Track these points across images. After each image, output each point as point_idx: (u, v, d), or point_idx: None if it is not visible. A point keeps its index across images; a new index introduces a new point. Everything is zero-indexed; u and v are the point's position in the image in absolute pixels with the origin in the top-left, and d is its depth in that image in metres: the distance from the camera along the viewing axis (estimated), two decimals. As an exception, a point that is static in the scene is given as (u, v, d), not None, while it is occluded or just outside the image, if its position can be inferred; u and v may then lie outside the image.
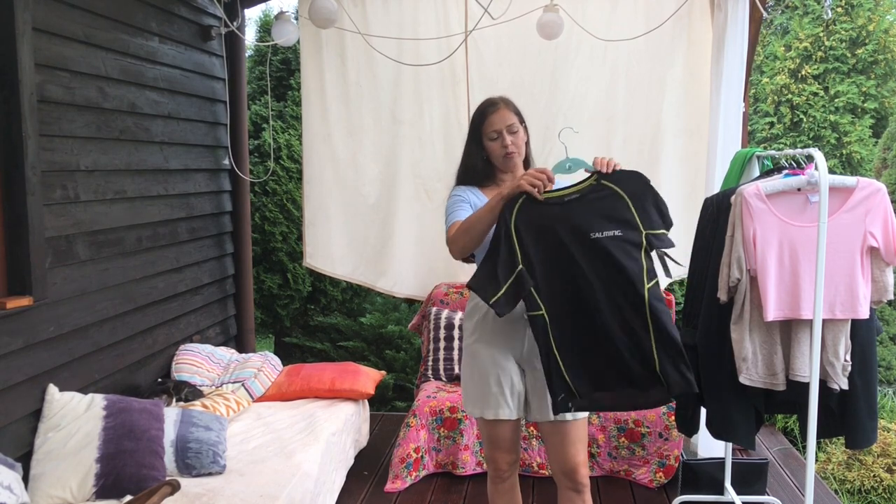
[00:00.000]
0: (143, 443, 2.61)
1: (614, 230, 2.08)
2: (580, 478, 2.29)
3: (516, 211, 2.11)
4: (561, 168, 2.20)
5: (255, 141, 5.87)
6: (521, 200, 2.12)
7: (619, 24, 3.93)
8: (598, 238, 2.08)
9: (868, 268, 2.51)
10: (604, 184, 2.12)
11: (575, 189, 2.12)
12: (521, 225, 2.11)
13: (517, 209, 2.12)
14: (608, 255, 2.07)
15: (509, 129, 2.28)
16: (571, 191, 2.12)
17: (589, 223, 2.09)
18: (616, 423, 3.47)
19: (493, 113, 2.29)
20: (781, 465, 3.78)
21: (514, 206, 2.12)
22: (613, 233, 2.08)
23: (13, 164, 2.49)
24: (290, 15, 3.93)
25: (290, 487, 2.63)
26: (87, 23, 2.89)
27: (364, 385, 3.64)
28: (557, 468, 2.32)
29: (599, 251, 2.07)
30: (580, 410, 2.16)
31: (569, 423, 2.26)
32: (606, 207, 2.10)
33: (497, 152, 2.30)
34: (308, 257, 4.33)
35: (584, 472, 2.29)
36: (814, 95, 6.42)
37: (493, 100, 2.33)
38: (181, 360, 3.48)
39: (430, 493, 3.42)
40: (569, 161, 2.21)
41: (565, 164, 2.21)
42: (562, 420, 2.26)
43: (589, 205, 2.11)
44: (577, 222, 2.09)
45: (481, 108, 2.33)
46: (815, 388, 2.48)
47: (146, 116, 3.32)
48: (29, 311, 2.56)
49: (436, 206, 4.22)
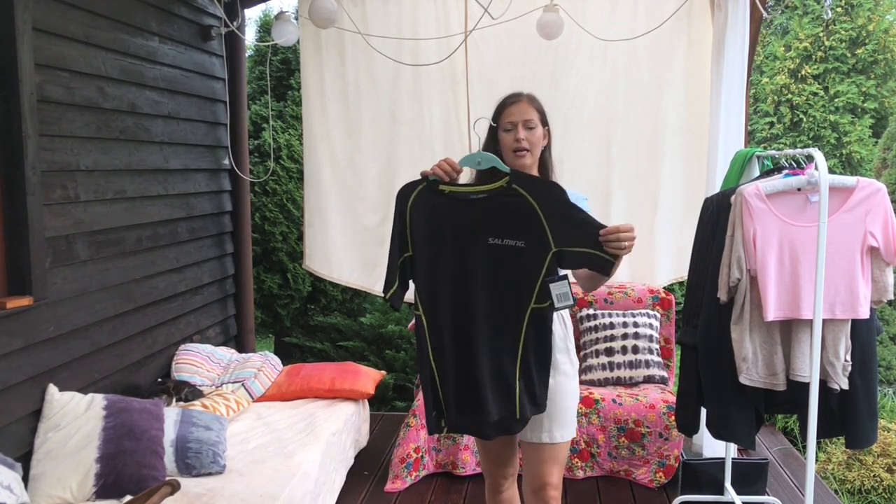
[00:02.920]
0: (143, 443, 2.61)
1: (516, 241, 1.91)
2: (547, 498, 2.16)
3: (413, 197, 1.95)
4: (471, 161, 2.00)
5: (255, 141, 5.87)
6: (420, 187, 1.95)
7: (619, 24, 3.93)
8: (495, 245, 1.92)
9: (868, 268, 2.51)
10: (515, 188, 1.92)
11: (484, 188, 1.94)
12: (415, 213, 1.95)
13: (415, 195, 1.95)
14: (501, 265, 1.91)
15: (525, 124, 2.15)
16: (479, 189, 1.94)
17: (490, 227, 1.92)
18: (616, 423, 3.47)
19: (513, 104, 2.18)
20: (781, 465, 3.78)
21: (413, 191, 1.95)
22: (515, 242, 1.91)
23: (13, 164, 2.49)
24: (290, 15, 3.93)
25: (290, 487, 2.63)
26: (87, 23, 2.89)
27: (364, 385, 3.64)
28: (528, 486, 2.21)
29: (493, 259, 1.92)
30: (452, 432, 2.04)
31: (546, 445, 2.15)
32: (515, 215, 1.92)
33: (508, 145, 2.17)
34: (307, 259, 4.33)
35: (552, 495, 2.16)
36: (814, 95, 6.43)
37: (518, 93, 2.22)
38: (181, 360, 3.48)
39: (430, 493, 3.42)
40: (479, 156, 1.99)
41: (475, 158, 1.99)
42: (538, 442, 2.15)
43: (495, 208, 1.92)
44: (477, 223, 1.93)
45: (503, 99, 2.22)
46: (816, 388, 2.48)
47: (146, 116, 3.32)
48: (29, 311, 2.56)
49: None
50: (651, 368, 3.76)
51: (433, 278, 1.96)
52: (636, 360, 3.77)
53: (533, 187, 1.92)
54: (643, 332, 3.81)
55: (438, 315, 1.96)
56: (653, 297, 4.00)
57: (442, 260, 1.95)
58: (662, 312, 3.97)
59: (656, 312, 3.94)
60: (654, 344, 3.82)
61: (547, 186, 1.95)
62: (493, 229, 1.92)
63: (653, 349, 3.80)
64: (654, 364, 3.78)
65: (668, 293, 4.05)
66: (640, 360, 3.77)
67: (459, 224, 1.93)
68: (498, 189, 1.93)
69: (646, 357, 3.77)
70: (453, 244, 1.93)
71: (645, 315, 3.88)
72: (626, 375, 3.75)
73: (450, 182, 1.96)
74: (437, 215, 1.94)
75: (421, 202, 1.95)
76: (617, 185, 4.11)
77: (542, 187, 1.94)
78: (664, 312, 3.98)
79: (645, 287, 4.06)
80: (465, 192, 1.94)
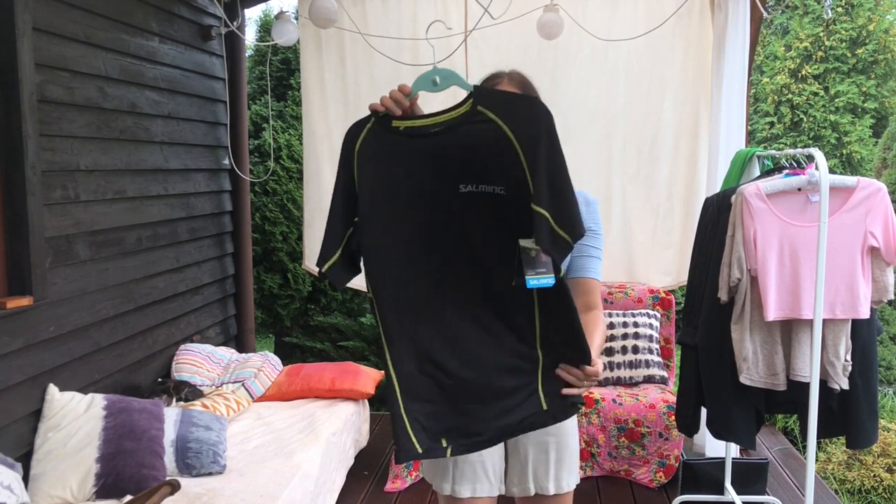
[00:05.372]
0: (143, 443, 2.61)
1: (495, 186, 1.44)
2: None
3: (361, 139, 1.49)
4: (424, 83, 1.56)
5: (256, 141, 5.87)
6: (368, 125, 1.50)
7: (620, 24, 3.93)
8: (470, 192, 1.45)
9: (868, 268, 2.51)
10: (481, 111, 1.45)
11: (444, 117, 1.47)
12: (363, 160, 1.49)
13: (362, 137, 1.49)
14: (480, 220, 1.44)
15: None
16: (439, 120, 1.47)
17: (460, 169, 1.45)
18: (616, 423, 3.47)
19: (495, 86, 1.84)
20: (781, 465, 3.78)
21: (360, 132, 1.50)
22: (494, 189, 1.44)
23: (13, 164, 2.49)
24: (290, 15, 3.93)
25: (290, 487, 2.63)
26: (87, 23, 2.89)
27: (364, 385, 3.64)
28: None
29: (470, 213, 1.45)
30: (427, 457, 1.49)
31: (550, 497, 1.77)
32: (487, 149, 1.43)
33: None
34: (307, 259, 4.33)
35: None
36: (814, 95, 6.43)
37: (498, 72, 1.89)
38: (181, 360, 3.48)
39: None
40: (435, 72, 1.55)
41: (430, 76, 1.55)
42: (543, 494, 1.76)
43: (462, 141, 1.44)
44: (443, 165, 1.45)
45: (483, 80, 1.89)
46: (816, 388, 2.48)
47: (146, 116, 3.32)
48: (29, 311, 2.56)
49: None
50: (651, 368, 3.76)
51: (389, 244, 1.48)
52: (636, 359, 3.77)
53: (505, 107, 1.44)
54: (643, 332, 3.81)
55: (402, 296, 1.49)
56: (653, 297, 4.00)
57: (402, 218, 1.48)
58: (662, 312, 3.97)
59: (656, 312, 3.94)
60: (655, 344, 3.82)
61: (526, 105, 1.44)
62: (465, 172, 1.45)
63: (653, 349, 3.80)
64: (654, 364, 3.78)
65: (668, 293, 4.05)
66: (640, 359, 3.77)
67: (422, 168, 1.46)
68: (462, 116, 1.46)
69: (646, 357, 3.77)
70: (414, 196, 1.47)
71: (645, 315, 3.88)
72: (626, 375, 3.76)
73: (403, 116, 1.50)
74: (392, 160, 1.47)
75: (370, 145, 1.49)
76: (617, 185, 4.11)
77: (518, 106, 1.44)
78: (664, 312, 3.98)
79: (645, 287, 4.06)
80: (422, 125, 1.48)
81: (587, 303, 1.74)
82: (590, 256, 1.78)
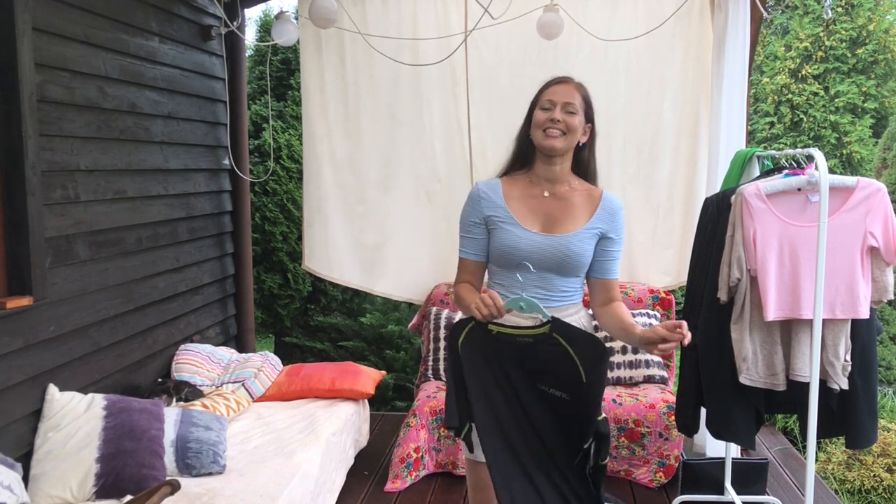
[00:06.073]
0: (143, 443, 2.61)
1: (562, 393, 1.90)
2: None
3: (463, 337, 1.93)
4: (514, 305, 1.95)
5: (255, 141, 5.87)
6: (469, 326, 1.93)
7: (620, 24, 3.93)
8: (544, 392, 1.91)
9: (868, 268, 2.51)
10: (556, 337, 1.90)
11: (530, 332, 1.92)
12: (466, 352, 1.93)
13: (464, 335, 1.93)
14: (554, 411, 1.90)
15: (565, 108, 1.95)
16: (526, 332, 1.92)
17: (539, 373, 1.91)
18: (616, 423, 3.47)
19: (557, 84, 2.00)
20: (781, 465, 3.78)
21: (462, 331, 1.93)
22: (561, 395, 1.90)
23: (13, 164, 2.49)
24: (290, 15, 3.93)
25: (290, 487, 2.63)
26: (87, 23, 2.89)
27: (364, 385, 3.64)
28: None
29: (545, 404, 1.91)
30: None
31: None
32: (557, 364, 1.90)
33: (540, 122, 1.96)
34: (307, 259, 4.33)
35: None
36: (814, 95, 6.43)
37: (567, 76, 2.03)
38: (181, 360, 3.48)
39: (430, 493, 3.42)
40: (523, 300, 1.93)
41: (519, 302, 1.94)
42: None
43: (540, 356, 1.91)
44: (528, 367, 1.91)
45: (549, 79, 2.03)
46: (816, 388, 2.48)
47: (146, 116, 3.32)
48: (29, 311, 2.56)
49: (435, 207, 4.22)
50: (651, 368, 3.76)
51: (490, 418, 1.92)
52: (636, 360, 3.77)
53: (572, 339, 1.89)
54: (643, 332, 3.80)
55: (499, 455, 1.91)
56: (653, 297, 4.00)
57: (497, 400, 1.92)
58: (662, 312, 3.97)
59: (656, 312, 3.94)
60: (655, 344, 3.82)
61: (589, 343, 1.89)
62: (542, 376, 1.91)
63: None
64: (654, 364, 3.78)
65: (668, 293, 4.05)
66: (639, 359, 3.77)
67: (512, 363, 1.92)
68: (541, 335, 1.91)
69: (646, 357, 3.77)
70: (507, 382, 1.92)
71: (645, 315, 3.88)
72: (625, 375, 3.76)
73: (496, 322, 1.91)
74: (489, 355, 1.92)
75: (471, 342, 1.93)
76: (617, 185, 4.11)
77: (582, 342, 1.89)
78: (664, 312, 3.98)
79: (645, 287, 4.06)
80: (512, 334, 1.93)
81: (611, 297, 2.09)
82: (613, 260, 2.09)
